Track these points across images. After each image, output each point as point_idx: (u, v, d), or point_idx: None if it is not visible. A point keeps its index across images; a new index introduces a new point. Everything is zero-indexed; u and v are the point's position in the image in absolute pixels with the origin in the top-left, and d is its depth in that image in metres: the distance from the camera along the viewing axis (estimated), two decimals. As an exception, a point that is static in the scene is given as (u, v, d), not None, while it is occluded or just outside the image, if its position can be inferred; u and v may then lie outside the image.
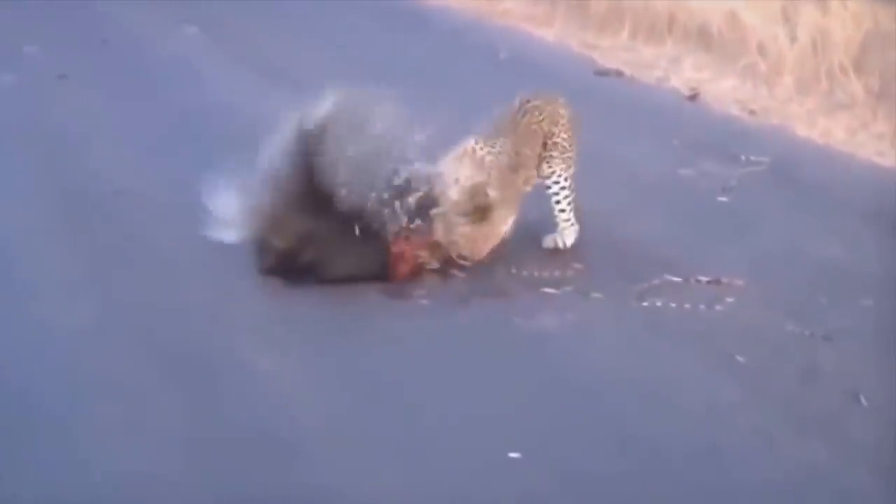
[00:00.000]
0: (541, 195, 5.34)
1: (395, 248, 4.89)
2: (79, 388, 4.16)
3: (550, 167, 5.27)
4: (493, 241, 5.10)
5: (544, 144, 5.25)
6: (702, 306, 4.72)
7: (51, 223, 5.68)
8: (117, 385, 4.17)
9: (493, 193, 5.06)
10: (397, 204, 4.91)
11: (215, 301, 4.84)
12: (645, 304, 4.75)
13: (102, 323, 4.65)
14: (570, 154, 5.30)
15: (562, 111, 5.31)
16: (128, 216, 5.72)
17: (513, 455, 3.68)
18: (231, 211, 4.85)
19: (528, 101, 5.26)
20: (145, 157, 6.59)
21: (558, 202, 5.29)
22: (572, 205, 5.30)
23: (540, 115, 5.25)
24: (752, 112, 7.66)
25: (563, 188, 5.28)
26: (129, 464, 3.68)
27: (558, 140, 5.26)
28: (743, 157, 6.50)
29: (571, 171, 5.31)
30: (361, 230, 4.86)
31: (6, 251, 5.33)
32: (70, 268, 5.18)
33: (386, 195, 4.90)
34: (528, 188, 5.28)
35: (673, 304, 4.73)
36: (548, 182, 5.29)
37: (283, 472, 3.62)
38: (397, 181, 4.93)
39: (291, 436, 3.84)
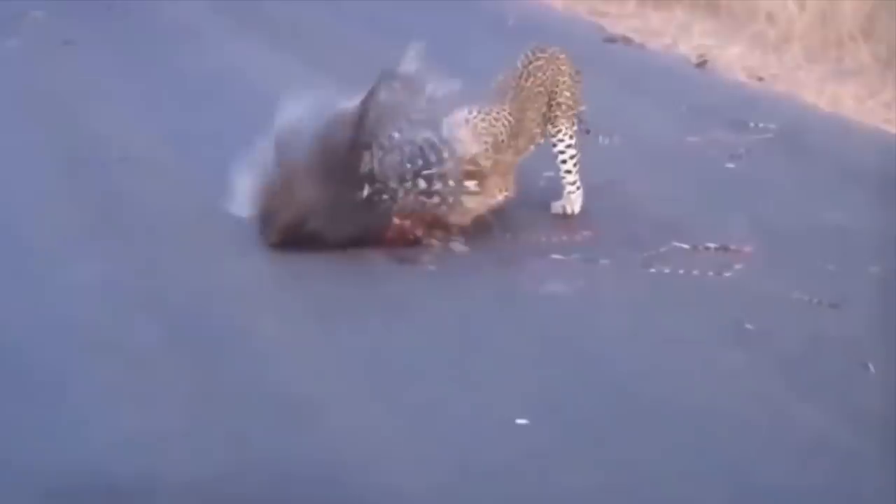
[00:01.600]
0: (549, 162, 5.32)
1: (397, 220, 4.87)
2: (80, 347, 4.15)
3: (556, 127, 5.25)
4: (482, 208, 5.05)
5: (549, 104, 5.23)
6: (710, 273, 4.71)
7: (55, 187, 5.69)
8: (118, 346, 4.16)
9: (484, 163, 5.00)
10: (415, 183, 4.86)
11: (218, 265, 4.84)
12: (652, 270, 4.74)
13: (105, 284, 4.65)
14: (574, 112, 5.28)
15: (563, 68, 5.28)
16: (131, 181, 5.73)
17: (520, 421, 3.68)
18: (244, 188, 4.84)
19: (531, 62, 5.23)
20: (149, 123, 6.59)
21: (564, 162, 5.27)
22: (578, 166, 5.28)
23: (543, 74, 5.22)
24: (760, 79, 7.64)
25: (568, 146, 5.26)
26: (131, 425, 3.67)
27: (562, 100, 5.25)
28: (751, 125, 6.49)
29: (576, 128, 5.29)
30: (368, 196, 4.84)
31: (10, 213, 5.34)
32: (74, 231, 5.19)
33: (405, 170, 4.86)
34: (533, 147, 5.26)
35: (681, 271, 4.72)
36: (553, 141, 5.27)
37: (287, 435, 3.62)
38: (417, 159, 4.87)
39: (295, 399, 3.83)
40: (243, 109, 4.92)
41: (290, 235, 4.83)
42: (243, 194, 4.85)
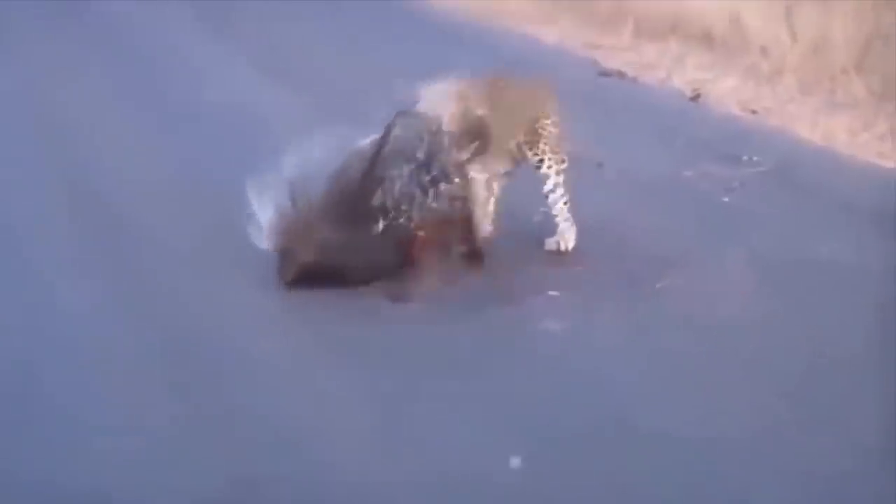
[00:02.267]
0: (542, 198, 5.33)
1: (419, 233, 4.88)
2: (80, 367, 4.19)
3: (537, 155, 5.20)
4: (485, 208, 5.05)
5: (528, 129, 5.16)
6: (705, 308, 4.72)
7: (55, 211, 5.78)
8: (117, 364, 4.21)
9: (481, 112, 4.98)
10: (430, 192, 4.87)
11: (214, 289, 4.88)
12: (649, 305, 4.75)
13: (103, 305, 4.70)
14: (558, 147, 5.21)
15: (544, 96, 5.25)
16: (129, 205, 5.80)
17: (514, 458, 3.68)
18: (264, 221, 4.84)
19: (510, 76, 5.27)
20: (146, 149, 6.67)
21: (555, 203, 5.24)
22: (568, 203, 5.26)
23: (519, 86, 5.23)
24: (753, 112, 7.68)
25: (556, 184, 5.22)
26: (129, 443, 3.70)
27: (543, 130, 5.19)
28: (745, 158, 6.52)
29: (564, 165, 5.24)
30: (384, 229, 4.85)
31: (12, 235, 5.43)
32: (72, 253, 5.26)
33: (412, 191, 4.86)
34: (510, 165, 5.20)
35: (676, 307, 4.73)
36: (541, 177, 5.22)
37: (280, 461, 3.64)
38: (429, 171, 4.88)
39: (290, 422, 3.85)
40: (237, 136, 4.93)
41: (307, 274, 4.82)
42: (262, 228, 4.85)
